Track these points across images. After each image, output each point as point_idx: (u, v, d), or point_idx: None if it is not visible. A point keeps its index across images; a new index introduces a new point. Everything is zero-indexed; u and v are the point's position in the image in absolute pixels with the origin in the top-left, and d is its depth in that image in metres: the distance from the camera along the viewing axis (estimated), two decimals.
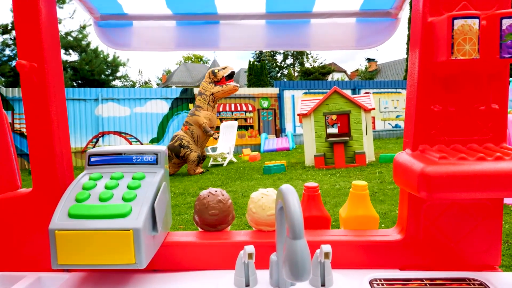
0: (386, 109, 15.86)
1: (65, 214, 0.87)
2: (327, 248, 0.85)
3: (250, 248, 0.86)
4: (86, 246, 0.84)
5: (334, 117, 8.98)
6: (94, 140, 12.77)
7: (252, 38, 1.24)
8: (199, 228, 1.11)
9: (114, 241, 0.84)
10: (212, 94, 9.05)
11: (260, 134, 14.52)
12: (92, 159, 1.03)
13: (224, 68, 9.12)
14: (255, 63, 27.84)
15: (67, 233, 0.84)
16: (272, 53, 39.66)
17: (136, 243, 0.84)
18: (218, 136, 9.46)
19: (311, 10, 1.17)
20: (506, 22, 0.80)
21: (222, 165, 10.33)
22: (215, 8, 1.16)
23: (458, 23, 0.80)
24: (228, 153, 10.86)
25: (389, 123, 15.96)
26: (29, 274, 1.00)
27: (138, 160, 1.02)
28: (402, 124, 16.04)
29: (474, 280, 0.91)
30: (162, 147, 1.05)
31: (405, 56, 21.98)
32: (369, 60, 42.11)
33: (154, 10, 1.18)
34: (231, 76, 9.21)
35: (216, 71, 9.08)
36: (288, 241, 0.69)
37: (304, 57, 41.09)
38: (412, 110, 0.94)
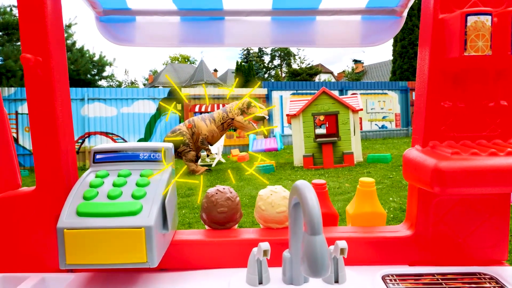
0: (373, 110, 16.02)
1: (73, 212, 0.85)
2: (343, 244, 0.85)
3: (265, 245, 0.85)
4: (96, 245, 0.82)
5: (322, 117, 9.04)
6: (80, 141, 12.55)
7: (257, 35, 1.23)
8: (206, 227, 1.09)
9: (125, 239, 0.82)
10: (232, 119, 8.73)
11: (248, 135, 14.49)
12: (98, 156, 1.01)
13: (261, 108, 8.86)
14: (243, 63, 27.82)
15: (76, 231, 0.82)
16: (259, 54, 39.73)
17: (148, 241, 0.82)
18: (210, 153, 9.22)
19: (317, 7, 1.17)
20: None
21: (210, 165, 10.28)
22: (221, 3, 1.14)
23: (471, 19, 0.81)
24: (216, 153, 10.81)
25: (375, 124, 16.12)
26: (32, 275, 0.97)
27: (145, 157, 1.00)
28: (388, 125, 16.23)
29: (485, 274, 0.91)
30: (168, 144, 1.03)
31: (391, 58, 22.29)
32: (355, 61, 42.55)
33: (159, 5, 1.16)
34: (259, 119, 8.93)
35: (252, 105, 8.76)
36: (307, 237, 0.68)
37: (291, 58, 41.29)
38: (422, 106, 0.94)
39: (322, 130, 10.02)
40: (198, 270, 1.01)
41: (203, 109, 13.95)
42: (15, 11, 14.95)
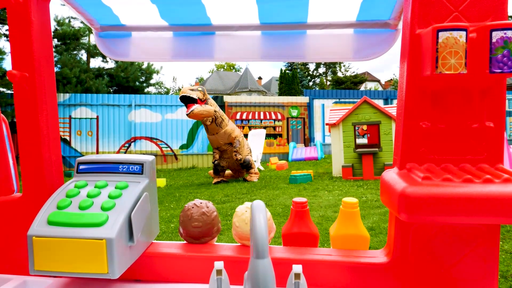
0: None
1: (44, 220, 0.88)
2: (297, 268, 0.82)
3: (219, 264, 0.84)
4: (62, 253, 0.85)
5: (365, 127, 8.80)
6: (126, 145, 13.15)
7: (248, 49, 1.23)
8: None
9: (88, 250, 0.84)
10: None
11: (288, 143, 14.44)
12: (81, 167, 1.05)
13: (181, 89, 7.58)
14: (287, 71, 27.83)
15: (44, 239, 0.85)
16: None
17: (109, 253, 0.84)
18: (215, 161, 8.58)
19: (305, 21, 1.15)
20: (496, 35, 0.75)
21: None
22: (209, 19, 1.16)
23: (443, 35, 0.75)
24: (255, 161, 10.86)
25: None
26: (15, 277, 1.03)
27: (123, 169, 1.03)
28: None
29: None
30: (149, 157, 1.05)
31: None
32: None
33: (150, 21, 1.19)
34: (184, 100, 7.61)
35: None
36: (252, 260, 0.67)
37: (336, 66, 40.69)
38: (401, 126, 0.89)
39: (363, 140, 9.76)
40: (171, 283, 1.01)
41: (244, 117, 14.11)
42: (73, 22, 16.04)
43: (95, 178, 1.02)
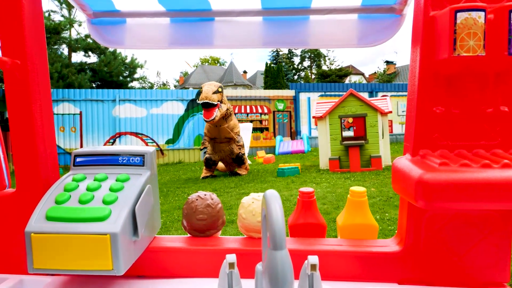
0: (404, 112, 15.55)
1: (42, 216, 0.83)
2: (314, 259, 0.79)
3: (232, 257, 0.81)
4: (63, 250, 0.80)
5: (350, 120, 8.82)
6: (111, 141, 12.93)
7: (249, 36, 1.19)
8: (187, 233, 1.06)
9: (91, 246, 0.79)
10: None
11: (275, 137, 14.45)
12: (78, 159, 0.99)
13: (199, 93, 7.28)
14: (272, 65, 27.78)
15: (43, 236, 0.80)
16: (289, 55, 39.56)
17: (114, 248, 0.79)
18: (203, 149, 8.50)
19: (309, 6, 1.11)
20: None
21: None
22: (209, 4, 1.11)
23: (461, 16, 0.73)
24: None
25: None
26: (11, 277, 0.97)
27: (124, 161, 0.98)
28: None
29: None
30: (150, 148, 1.01)
31: None
32: (387, 62, 41.39)
33: (147, 6, 1.14)
34: (203, 106, 7.52)
35: (200, 91, 7.54)
36: (269, 251, 0.64)
37: (321, 59, 40.82)
38: (413, 112, 0.87)
39: (350, 133, 9.81)
40: (176, 278, 0.98)
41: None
42: (53, 16, 15.61)
43: (94, 171, 0.97)
